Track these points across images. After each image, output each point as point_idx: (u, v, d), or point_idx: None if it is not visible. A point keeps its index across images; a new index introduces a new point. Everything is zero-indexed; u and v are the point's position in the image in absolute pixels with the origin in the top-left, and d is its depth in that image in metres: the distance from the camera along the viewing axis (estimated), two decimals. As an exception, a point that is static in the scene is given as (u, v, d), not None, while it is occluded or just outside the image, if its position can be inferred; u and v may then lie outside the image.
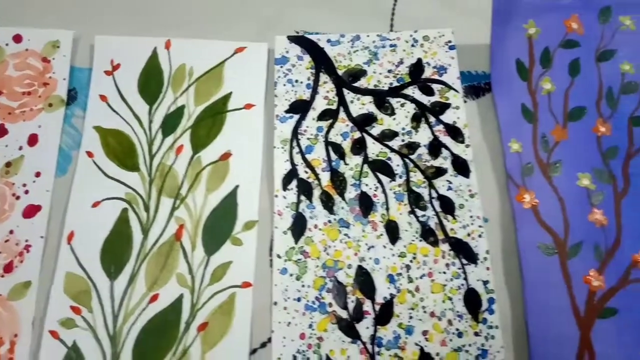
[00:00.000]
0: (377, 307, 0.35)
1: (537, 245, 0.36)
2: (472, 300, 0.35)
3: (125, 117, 0.41)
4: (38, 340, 0.35)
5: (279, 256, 0.37)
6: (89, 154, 0.40)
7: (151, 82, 0.42)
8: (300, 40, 0.43)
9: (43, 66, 0.42)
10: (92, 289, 0.36)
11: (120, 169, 0.39)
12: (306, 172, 0.39)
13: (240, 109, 0.41)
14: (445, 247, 0.37)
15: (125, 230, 0.38)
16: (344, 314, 0.35)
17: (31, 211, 0.38)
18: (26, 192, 0.39)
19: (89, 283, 0.36)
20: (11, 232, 0.37)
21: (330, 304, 0.35)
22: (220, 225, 0.38)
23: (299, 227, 0.38)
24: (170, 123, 0.41)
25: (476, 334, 0.34)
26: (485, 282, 0.36)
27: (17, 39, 0.42)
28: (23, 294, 0.36)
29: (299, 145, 0.40)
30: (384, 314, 0.35)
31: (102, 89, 0.41)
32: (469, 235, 0.37)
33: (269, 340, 0.35)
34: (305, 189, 0.39)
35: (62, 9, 0.45)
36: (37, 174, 0.39)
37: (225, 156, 0.40)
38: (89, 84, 0.42)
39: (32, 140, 0.40)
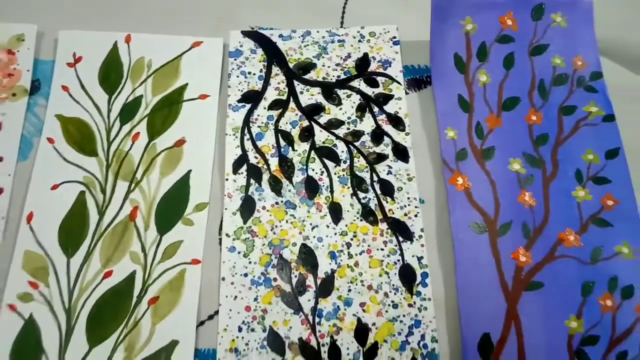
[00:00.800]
0: (319, 281, 0.37)
1: (468, 224, 0.39)
2: (407, 274, 0.38)
3: (86, 106, 0.43)
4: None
5: (227, 235, 0.39)
6: (50, 140, 0.42)
7: (111, 74, 0.44)
8: (253, 35, 0.46)
9: (8, 58, 0.44)
10: (50, 265, 0.38)
11: (79, 154, 0.41)
12: (256, 158, 0.41)
13: (195, 99, 0.44)
14: (383, 226, 0.39)
15: (82, 211, 0.40)
16: (287, 288, 0.37)
17: (-8, 194, 0.40)
18: (-12, 176, 0.41)
19: (47, 260, 0.38)
20: (-29, 213, 0.39)
21: (275, 279, 0.38)
22: (172, 207, 0.40)
23: (247, 208, 0.40)
24: (128, 112, 0.43)
25: (410, 305, 0.37)
26: (420, 258, 0.38)
27: (-17, 31, 0.44)
28: (-18, 272, 0.38)
29: (250, 132, 0.42)
30: (325, 288, 0.37)
31: (64, 80, 0.44)
32: (406, 215, 0.39)
33: (216, 312, 0.37)
34: (254, 173, 0.41)
35: (27, 3, 0.47)
36: (0, 159, 0.41)
37: (180, 143, 0.42)
38: (52, 75, 0.44)
39: (-4, 127, 0.42)
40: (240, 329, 0.36)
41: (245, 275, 0.38)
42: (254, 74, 0.44)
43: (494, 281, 0.37)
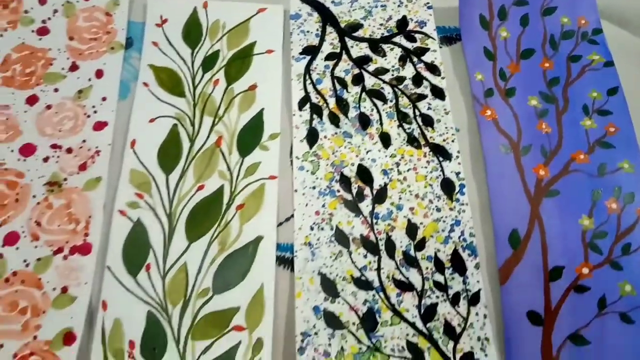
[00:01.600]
0: (374, 192, 0.45)
1: (497, 146, 0.47)
2: (447, 185, 0.46)
3: (173, 58, 0.51)
4: (109, 219, 0.44)
5: (297, 158, 0.47)
6: (145, 84, 0.50)
7: (192, 33, 0.53)
8: (309, 1, 0.55)
9: (106, 19, 0.52)
10: (152, 180, 0.46)
11: (170, 95, 0.50)
12: (317, 98, 0.50)
13: (263, 53, 0.52)
14: (426, 149, 0.47)
15: (176, 139, 0.48)
16: (348, 197, 0.45)
17: (100, 126, 0.48)
18: (95, 112, 0.49)
19: (149, 176, 0.46)
20: (84, 141, 0.47)
21: (338, 190, 0.46)
22: (250, 136, 0.48)
23: (312, 137, 0.48)
24: (209, 63, 0.51)
25: (451, 209, 0.45)
26: (457, 173, 0.46)
27: (86, -3, 0.53)
28: (95, 186, 0.46)
29: (310, 78, 0.51)
30: (380, 196, 0.45)
31: (154, 37, 0.52)
32: (444, 140, 0.48)
33: (292, 216, 0.45)
34: (316, 110, 0.49)
35: None
36: (104, 99, 0.49)
37: (252, 87, 0.50)
38: (142, 34, 0.52)
39: (99, 74, 0.50)
40: (312, 228, 0.44)
41: (314, 188, 0.46)
42: (312, 32, 0.53)
43: (519, 190, 0.45)
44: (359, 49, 0.52)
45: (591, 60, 0.51)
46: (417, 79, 0.51)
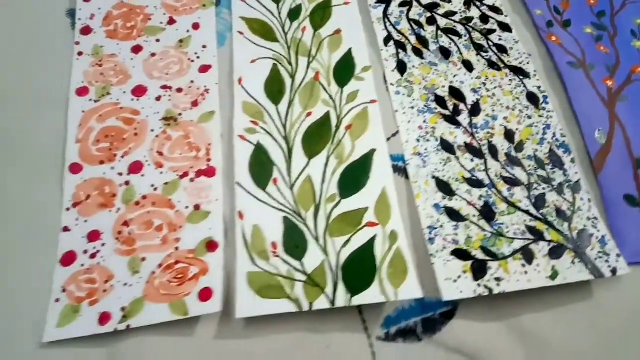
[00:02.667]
0: (469, 106, 0.50)
1: (567, 62, 0.53)
2: (532, 97, 0.51)
3: (261, 11, 0.56)
4: (229, 144, 0.47)
5: (392, 84, 0.51)
6: (240, 33, 0.54)
7: (275, -10, 0.58)
8: (376, -39, 0.61)
9: (195, -19, 0.57)
10: (263, 110, 0.49)
11: (265, 40, 0.53)
12: (399, 36, 0.55)
13: (341, 5, 0.57)
14: (506, 70, 0.52)
15: (277, 76, 0.51)
16: (446, 112, 0.49)
17: (205, 68, 0.51)
18: (197, 57, 0.52)
19: (260, 107, 0.49)
20: (192, 82, 0.50)
21: (435, 108, 0.50)
22: (345, 69, 0.52)
23: (401, 67, 0.53)
24: (294, 14, 0.56)
25: (540, 116, 0.49)
26: (539, 87, 0.51)
27: (175, -38, 0.57)
28: (210, 118, 0.48)
29: (389, 21, 0.56)
30: (475, 109, 0.50)
31: (240, -5, 0.57)
32: (520, 63, 0.53)
33: (397, 132, 0.49)
34: (400, 46, 0.54)
35: None
36: (204, 47, 0.53)
37: (337, 32, 0.55)
38: (228, -6, 0.57)
39: (195, 26, 0.54)
40: (418, 140, 0.48)
41: (412, 107, 0.50)
42: (383, -14, 0.59)
43: (595, 97, 0.51)
44: (426, -2, 0.58)
45: (630, -4, 0.58)
46: (484, 18, 0.56)
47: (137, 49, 0.52)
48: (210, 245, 0.42)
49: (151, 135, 0.47)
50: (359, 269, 0.41)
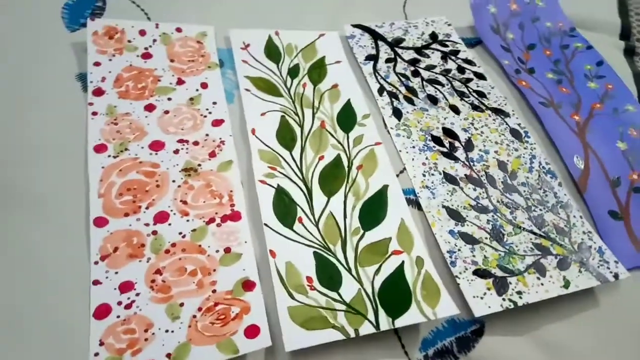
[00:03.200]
0: (463, 143, 0.55)
1: (539, 102, 0.60)
2: (515, 133, 0.57)
3: (263, 70, 0.60)
4: (250, 189, 0.49)
5: (392, 128, 0.56)
6: (247, 90, 0.58)
7: (272, 52, 0.62)
8: (358, 26, 0.68)
9: (198, 45, 0.61)
10: (278, 156, 0.52)
11: (271, 95, 0.58)
12: (390, 87, 0.61)
13: (333, 63, 0.63)
14: (488, 112, 0.59)
15: (287, 125, 0.55)
16: (444, 149, 0.55)
17: (218, 123, 0.54)
18: (210, 112, 0.55)
19: (275, 153, 0.52)
20: (207, 135, 0.53)
21: (433, 146, 0.55)
22: (347, 118, 0.57)
23: (397, 113, 0.58)
24: (293, 72, 0.61)
25: (525, 148, 0.56)
26: (519, 124, 0.58)
27: (179, 30, 0.61)
28: (228, 167, 0.51)
29: (379, 74, 0.62)
30: (468, 146, 0.55)
31: (242, 57, 0.61)
32: (499, 105, 0.60)
33: (404, 169, 0.53)
34: (392, 95, 0.60)
35: (203, 12, 0.65)
36: (214, 103, 0.56)
37: (335, 86, 0.60)
38: (229, 56, 0.61)
39: (204, 85, 0.57)
40: (424, 175, 0.52)
41: (413, 147, 0.55)
42: (367, 46, 0.65)
43: (567, 129, 0.58)
44: (407, 55, 0.65)
45: (576, 47, 0.68)
46: (460, 69, 0.64)
47: (150, 107, 0.54)
48: (247, 285, 0.43)
49: (173, 186, 0.48)
50: (395, 294, 0.43)
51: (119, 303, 0.41)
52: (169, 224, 0.46)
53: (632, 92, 0.63)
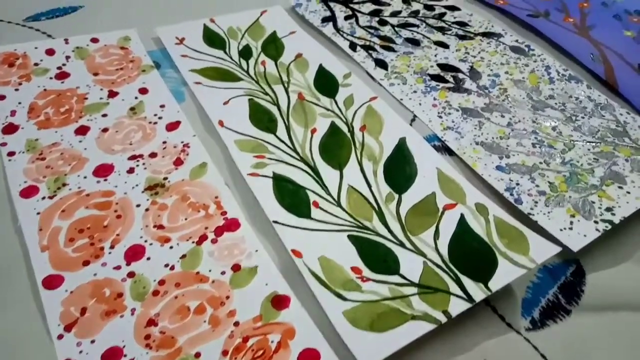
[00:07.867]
0: (467, 73, 0.47)
1: (527, 15, 0.53)
2: (517, 49, 0.49)
3: (209, 60, 0.49)
4: (240, 188, 0.38)
5: (382, 79, 0.47)
6: (197, 83, 0.47)
7: (215, 40, 0.52)
8: (302, -7, 0.59)
9: (123, 52, 0.49)
10: (261, 141, 0.41)
11: (228, 82, 0.47)
12: (361, 41, 0.52)
13: (288, 35, 0.54)
14: (478, 37, 0.51)
15: (260, 108, 0.44)
16: (450, 85, 0.46)
17: (173, 126, 0.43)
18: (159, 118, 0.43)
19: (256, 140, 0.41)
20: (164, 142, 0.41)
21: (437, 84, 0.46)
22: (327, 83, 0.47)
23: (381, 63, 0.49)
24: (246, 53, 0.51)
25: (534, 61, 0.48)
26: (517, 40, 0.50)
27: (94, 40, 0.50)
28: (203, 171, 0.39)
29: (344, 32, 0.53)
30: (474, 75, 0.47)
31: (180, 52, 0.50)
32: (486, 29, 0.52)
33: (415, 116, 0.43)
34: (368, 48, 0.51)
35: (119, 20, 0.54)
36: (162, 106, 0.44)
37: (299, 55, 0.50)
38: (165, 55, 0.50)
39: (143, 91, 0.46)
40: (440, 116, 0.43)
41: (415, 92, 0.46)
42: (319, 10, 0.56)
43: (569, 33, 0.51)
44: (366, 8, 0.57)
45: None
46: (428, 7, 0.56)
47: (82, 130, 0.42)
48: (278, 301, 0.31)
49: (139, 212, 0.36)
50: (471, 254, 0.32)
51: (108, 381, 0.28)
52: (147, 259, 0.34)
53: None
